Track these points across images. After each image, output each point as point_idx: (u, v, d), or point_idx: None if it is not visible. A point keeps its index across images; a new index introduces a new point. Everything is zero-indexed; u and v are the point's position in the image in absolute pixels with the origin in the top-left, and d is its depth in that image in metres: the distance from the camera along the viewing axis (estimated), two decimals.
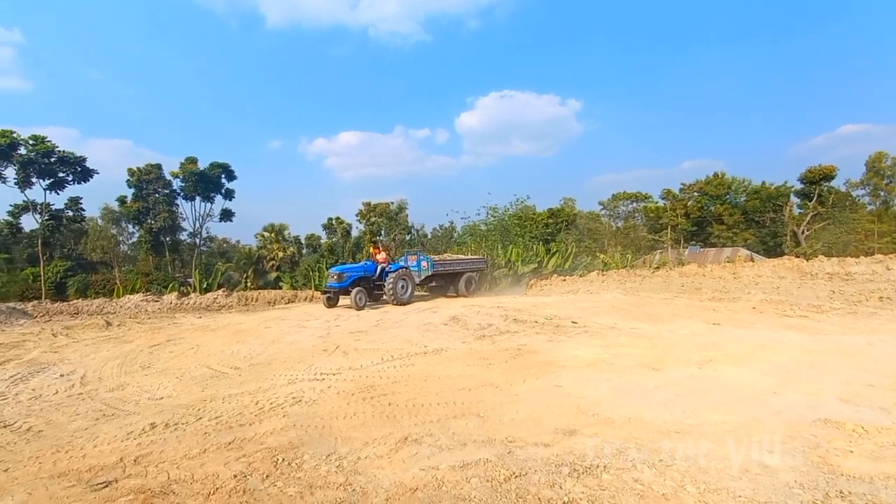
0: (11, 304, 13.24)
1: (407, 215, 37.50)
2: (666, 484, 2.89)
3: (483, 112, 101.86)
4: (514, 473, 3.07)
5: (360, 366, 6.03)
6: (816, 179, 37.48)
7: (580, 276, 19.68)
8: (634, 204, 47.83)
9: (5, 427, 4.17)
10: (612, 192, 50.52)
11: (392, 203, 37.55)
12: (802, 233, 36.59)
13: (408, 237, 35.75)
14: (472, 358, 6.39)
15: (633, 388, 4.81)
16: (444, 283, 15.89)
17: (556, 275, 20.06)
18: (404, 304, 13.17)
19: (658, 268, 19.30)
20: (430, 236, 36.92)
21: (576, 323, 8.95)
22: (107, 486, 3.10)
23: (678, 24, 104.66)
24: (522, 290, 19.10)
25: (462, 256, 17.24)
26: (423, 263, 14.65)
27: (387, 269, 13.64)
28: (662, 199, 45.04)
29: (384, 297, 13.41)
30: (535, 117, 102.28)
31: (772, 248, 37.74)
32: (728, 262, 19.73)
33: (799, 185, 39.48)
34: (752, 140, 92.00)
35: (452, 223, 36.89)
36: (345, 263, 13.64)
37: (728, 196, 43.90)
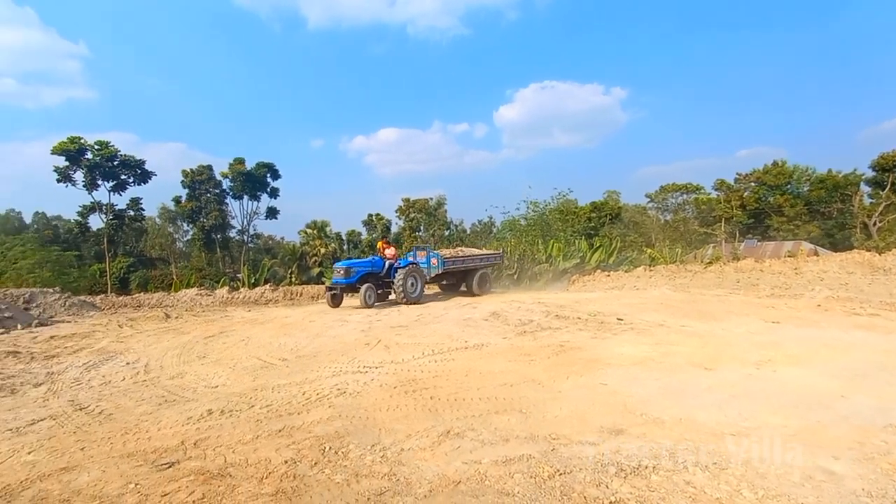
0: (82, 298, 14.39)
1: (446, 211, 37.68)
2: (720, 488, 2.75)
3: (523, 104, 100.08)
4: (558, 471, 3.01)
5: (401, 360, 6.12)
6: (890, 166, 34.14)
7: (625, 271, 19.06)
8: (684, 196, 45.48)
9: (81, 410, 4.56)
10: (660, 183, 48.14)
11: (431, 199, 37.82)
12: (874, 224, 33.54)
13: (447, 233, 35.86)
14: (513, 354, 6.34)
15: (684, 388, 4.60)
16: (455, 280, 15.03)
17: (599, 270, 19.53)
18: (414, 303, 12.31)
19: (711, 263, 18.36)
20: (469, 232, 36.86)
21: (621, 320, 8.67)
22: (170, 467, 3.31)
23: (732, 5, 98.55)
24: (564, 285, 18.72)
25: (476, 252, 16.08)
26: (433, 260, 13.81)
27: (396, 265, 12.84)
28: (715, 190, 42.64)
29: (392, 295, 12.80)
30: (577, 108, 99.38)
31: (839, 242, 34.87)
32: (789, 256, 18.51)
33: (870, 173, 36.12)
34: (816, 125, 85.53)
35: (492, 218, 36.66)
36: (350, 258, 12.81)
37: (789, 186, 40.89)
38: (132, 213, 31.78)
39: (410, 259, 13.65)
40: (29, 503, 2.87)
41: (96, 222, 31.57)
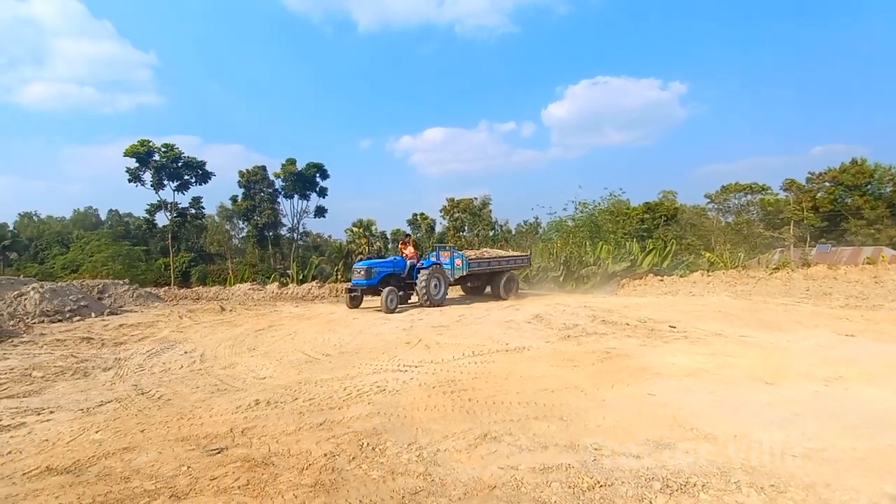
0: (148, 289, 15.55)
1: (490, 211, 37.44)
2: None
3: (573, 101, 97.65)
4: (598, 482, 2.89)
5: (441, 360, 6.12)
6: None
7: (680, 276, 18.10)
8: (749, 196, 42.48)
9: (143, 394, 4.91)
10: (722, 183, 45.22)
11: (475, 199, 37.71)
12: None
13: (491, 233, 35.62)
14: (555, 358, 6.17)
15: (741, 403, 4.28)
16: (480, 283, 14.22)
17: (651, 274, 18.67)
18: (437, 306, 11.61)
19: (777, 269, 17.03)
20: (514, 232, 36.43)
21: (674, 327, 8.23)
22: (219, 453, 3.48)
23: None
24: (612, 289, 18.07)
25: (502, 253, 15.22)
26: (458, 261, 12.94)
27: (418, 265, 12.14)
28: (784, 190, 39.63)
29: (414, 297, 12.03)
30: (632, 104, 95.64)
31: None
32: (868, 263, 16.82)
33: None
34: None
35: (537, 219, 36.03)
36: (370, 258, 12.10)
37: (870, 186, 37.22)
38: (194, 211, 34.05)
39: (433, 259, 12.95)
40: (95, 478, 3.11)
41: (162, 219, 34.18)
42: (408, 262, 12.14)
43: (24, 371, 5.79)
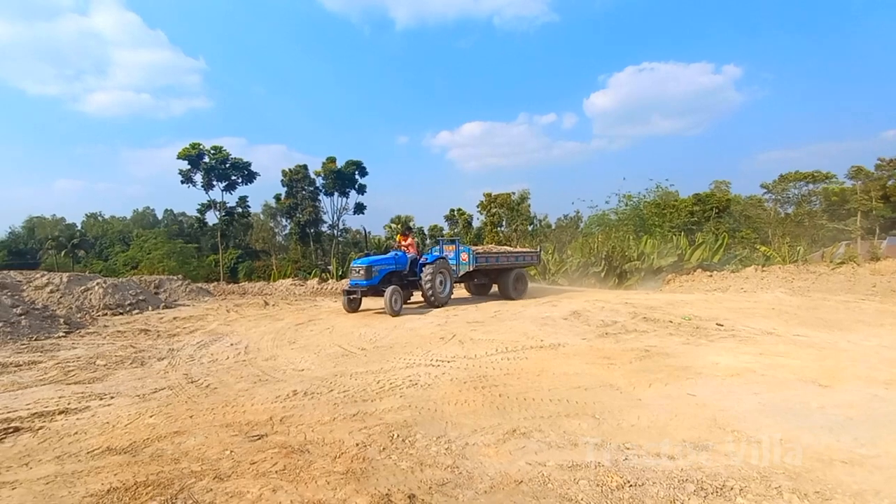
0: (200, 285, 16.46)
1: (529, 205, 36.90)
2: None
3: (617, 90, 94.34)
4: (628, 482, 2.82)
5: (474, 355, 6.13)
6: None
7: (732, 271, 17.19)
8: (810, 186, 39.50)
9: (192, 383, 5.24)
10: (781, 171, 42.30)
11: (514, 193, 37.29)
12: None
13: (530, 228, 35.14)
14: (591, 356, 6.04)
15: (789, 406, 4.04)
16: (487, 280, 13.16)
17: (700, 269, 17.83)
18: (441, 306, 10.66)
19: (841, 263, 15.84)
20: (553, 227, 35.76)
21: (721, 325, 7.85)
22: (260, 439, 3.67)
23: None
24: (657, 285, 17.40)
25: (511, 248, 14.19)
26: (464, 255, 11.85)
27: (421, 260, 11.11)
28: (850, 178, 36.64)
29: (421, 295, 10.88)
30: (681, 90, 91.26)
31: None
32: None
33: None
34: None
35: (578, 213, 35.24)
36: (368, 255, 10.88)
37: None
38: (240, 210, 35.76)
39: (436, 254, 11.89)
40: (149, 458, 3.36)
41: (212, 218, 36.12)
42: (409, 257, 11.03)
43: (90, 360, 6.32)
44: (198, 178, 33.06)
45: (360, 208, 37.71)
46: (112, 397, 4.75)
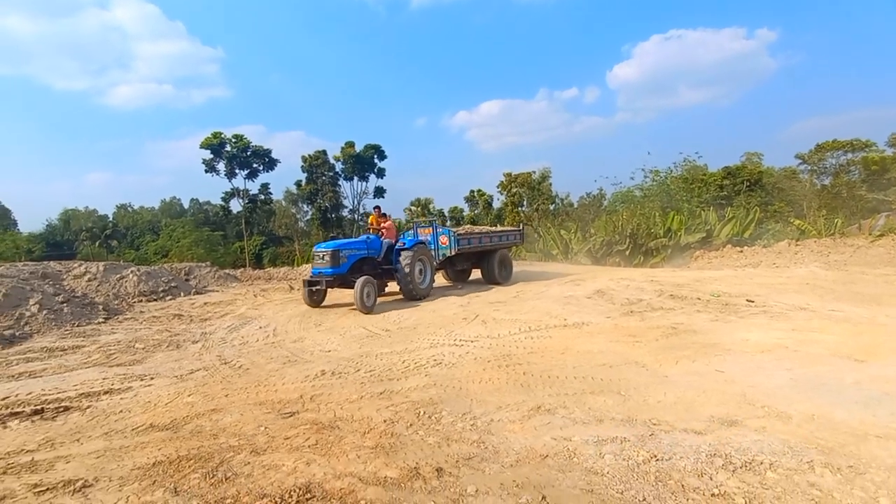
0: (227, 271, 16.95)
1: (550, 184, 36.28)
2: (853, 493, 2.33)
3: (642, 60, 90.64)
4: (654, 456, 2.82)
5: (497, 335, 6.17)
6: None
7: (764, 246, 16.67)
8: (849, 155, 37.32)
9: (225, 364, 5.45)
10: (817, 140, 39.99)
11: (534, 172, 36.68)
12: None
13: (552, 207, 34.63)
14: (616, 334, 5.99)
15: (822, 382, 3.93)
16: (469, 265, 12.19)
17: (730, 245, 17.34)
18: (421, 298, 9.33)
19: (881, 235, 15.12)
20: (576, 205, 35.14)
21: (752, 301, 7.66)
22: (291, 416, 3.81)
23: None
24: (685, 262, 17.03)
25: (492, 228, 13.21)
26: (443, 239, 10.66)
27: (397, 245, 9.69)
28: (891, 146, 34.56)
29: (397, 285, 9.46)
30: (710, 58, 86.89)
31: None
32: None
33: None
34: None
35: (602, 190, 34.44)
36: (336, 238, 9.81)
37: None
38: (263, 197, 36.36)
39: (416, 237, 10.67)
40: (189, 434, 3.53)
41: (236, 206, 36.89)
42: (384, 242, 9.53)
43: (129, 343, 6.64)
44: (221, 166, 33.71)
45: (379, 192, 37.88)
46: (152, 378, 4.98)
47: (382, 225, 9.93)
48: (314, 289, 8.76)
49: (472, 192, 40.30)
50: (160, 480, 2.82)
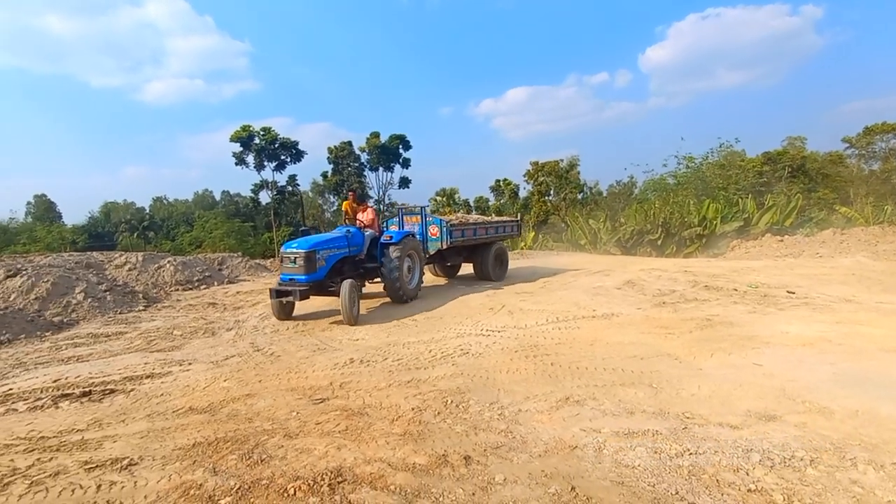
0: (257, 261, 17.29)
1: (578, 172, 35.50)
2: None
3: (677, 41, 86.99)
4: (688, 450, 2.75)
5: (524, 325, 6.12)
6: None
7: (806, 235, 15.94)
8: None
9: (258, 351, 5.61)
10: (865, 123, 37.50)
11: (562, 160, 35.95)
12: None
13: (579, 196, 33.95)
14: (647, 326, 5.86)
15: (867, 377, 3.75)
16: (460, 259, 10.63)
17: (769, 234, 16.65)
18: (410, 301, 7.99)
19: None
20: (605, 194, 34.35)
21: (792, 293, 7.35)
22: (322, 402, 3.90)
23: None
24: (721, 252, 16.46)
25: (487, 219, 11.58)
26: (433, 230, 9.20)
27: (382, 237, 7.98)
28: None
29: (382, 285, 7.98)
30: (751, 37, 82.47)
31: None
32: None
33: None
34: None
35: (633, 178, 33.51)
36: (308, 232, 7.82)
37: None
38: (290, 188, 37.02)
39: (398, 228, 9.15)
40: (226, 417, 3.67)
41: (265, 197, 37.67)
42: (366, 235, 7.83)
43: (168, 330, 6.92)
44: (250, 159, 34.45)
45: (405, 182, 37.97)
46: (190, 363, 5.19)
47: (364, 219, 8.13)
48: (283, 300, 6.97)
49: (498, 181, 39.88)
50: (200, 460, 2.94)
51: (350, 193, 8.98)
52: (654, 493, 2.35)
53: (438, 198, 36.90)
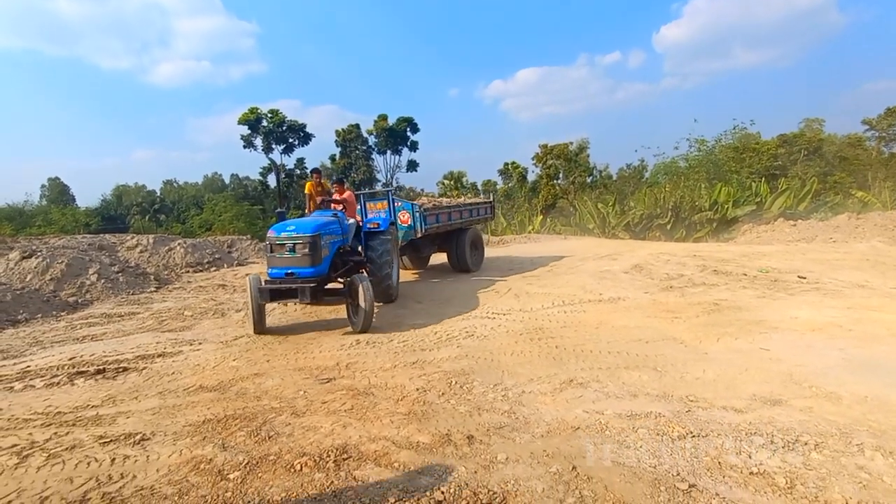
0: (265, 243, 17.54)
1: (588, 155, 35.02)
2: None
3: (693, 19, 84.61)
4: (690, 433, 2.76)
5: (530, 308, 6.13)
6: None
7: (820, 219, 15.63)
8: None
9: (267, 332, 5.69)
10: (888, 104, 36.27)
11: (571, 143, 35.45)
12: None
13: (589, 179, 33.54)
14: (653, 310, 5.83)
15: (878, 363, 3.70)
16: (434, 248, 9.47)
17: (781, 219, 16.36)
18: (394, 299, 6.96)
19: None
20: (615, 177, 33.89)
21: (803, 278, 7.25)
22: (328, 382, 3.96)
23: None
24: (731, 237, 16.25)
25: (460, 201, 10.53)
26: (404, 216, 8.00)
27: (367, 225, 6.92)
28: None
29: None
30: (771, 15, 79.91)
31: None
32: None
33: None
34: None
35: (643, 161, 33.01)
36: (283, 216, 6.17)
37: None
38: (298, 171, 37.01)
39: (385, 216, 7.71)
40: (235, 395, 3.75)
41: (273, 181, 37.68)
42: (350, 223, 6.46)
43: (178, 311, 7.05)
44: (258, 141, 34.46)
45: (412, 165, 37.81)
46: (200, 343, 5.29)
47: (339, 196, 6.77)
48: (280, 303, 5.91)
49: (507, 164, 39.52)
50: (210, 436, 3.02)
51: (314, 174, 7.65)
52: (654, 474, 2.37)
53: (446, 181, 36.69)
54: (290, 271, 5.32)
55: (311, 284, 5.17)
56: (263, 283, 5.33)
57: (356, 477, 2.47)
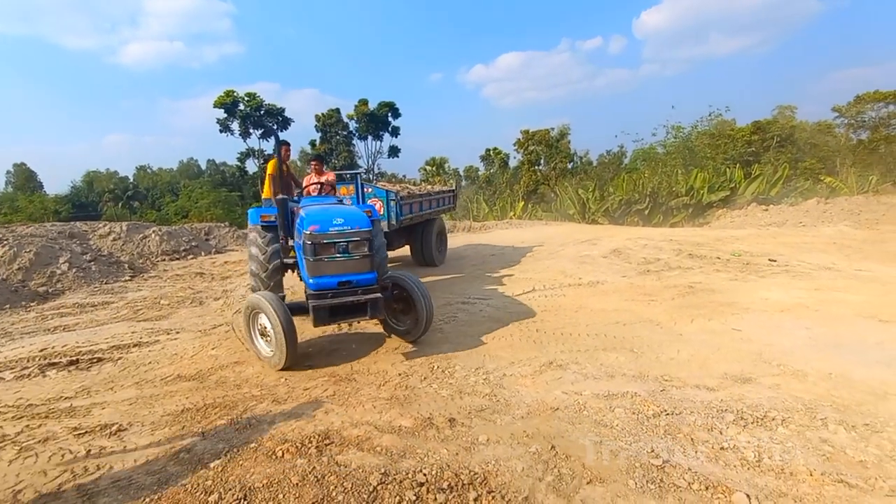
0: (244, 231, 17.15)
1: (569, 142, 35.15)
2: (867, 451, 2.33)
3: (673, 5, 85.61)
4: (664, 411, 2.85)
5: (511, 293, 6.19)
6: None
7: (791, 204, 16.12)
8: (891, 107, 34.95)
9: None
10: (857, 92, 37.26)
11: (552, 129, 35.51)
12: None
13: (569, 165, 33.76)
14: (631, 293, 5.96)
15: (842, 341, 3.88)
16: (402, 241, 8.38)
17: (754, 204, 16.82)
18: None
19: None
20: (595, 164, 34.17)
21: (774, 261, 7.49)
22: (310, 369, 3.94)
23: None
24: (706, 222, 16.65)
25: (430, 188, 9.75)
26: (377, 204, 6.81)
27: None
28: None
29: None
30: (750, 1, 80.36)
31: None
32: None
33: None
34: None
35: (622, 147, 33.35)
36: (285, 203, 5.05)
37: None
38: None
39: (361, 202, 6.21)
40: (214, 384, 3.70)
41: (252, 166, 36.83)
42: None
43: (155, 300, 6.88)
44: (235, 126, 33.46)
45: (394, 151, 37.34)
46: (177, 332, 5.19)
47: (322, 178, 5.92)
48: (342, 323, 4.58)
49: (488, 150, 39.38)
50: (189, 426, 2.99)
51: (283, 146, 6.10)
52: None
53: (428, 167, 36.42)
54: (345, 279, 4.00)
55: (377, 294, 4.01)
56: (314, 299, 3.87)
57: (339, 462, 2.48)
